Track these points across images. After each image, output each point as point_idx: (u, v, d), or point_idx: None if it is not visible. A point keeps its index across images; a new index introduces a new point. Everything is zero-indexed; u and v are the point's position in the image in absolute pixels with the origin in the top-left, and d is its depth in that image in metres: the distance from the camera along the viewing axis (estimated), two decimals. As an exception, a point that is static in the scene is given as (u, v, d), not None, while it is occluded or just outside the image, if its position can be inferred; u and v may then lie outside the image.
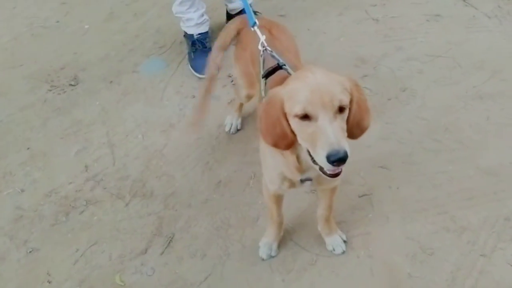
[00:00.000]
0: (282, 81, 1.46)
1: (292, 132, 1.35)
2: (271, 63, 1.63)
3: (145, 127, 2.54)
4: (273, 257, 1.95)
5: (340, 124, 1.29)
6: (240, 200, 2.15)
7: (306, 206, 2.07)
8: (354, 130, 1.39)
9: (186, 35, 2.85)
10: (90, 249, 2.07)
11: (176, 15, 2.80)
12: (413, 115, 2.36)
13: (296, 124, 1.32)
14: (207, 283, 1.91)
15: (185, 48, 2.92)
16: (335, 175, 1.35)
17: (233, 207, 2.13)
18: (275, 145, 1.40)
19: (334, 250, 1.92)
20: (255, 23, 1.78)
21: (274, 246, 1.95)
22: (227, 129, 2.45)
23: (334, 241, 1.93)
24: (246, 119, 2.48)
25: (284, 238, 1.98)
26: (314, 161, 1.34)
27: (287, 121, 1.34)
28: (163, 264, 1.99)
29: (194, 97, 2.65)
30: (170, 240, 2.06)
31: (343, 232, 1.95)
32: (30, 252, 2.09)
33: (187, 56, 2.87)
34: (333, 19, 3.04)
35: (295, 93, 1.30)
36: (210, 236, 2.05)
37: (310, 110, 1.27)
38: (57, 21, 3.53)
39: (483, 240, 1.86)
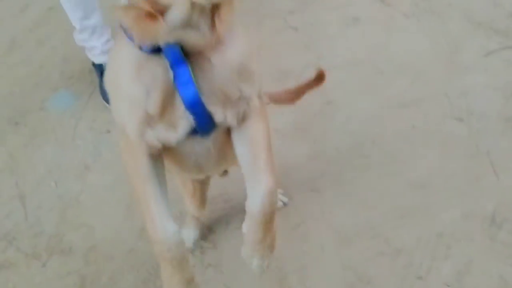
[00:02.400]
0: None
1: None
2: None
3: (58, 173, 2.31)
4: None
5: None
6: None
7: (238, 243, 1.96)
8: None
9: (94, 65, 2.62)
10: (6, 322, 1.87)
11: (79, 44, 2.56)
12: (339, 130, 2.28)
13: None
14: None
15: (95, 77, 2.69)
16: None
17: (161, 254, 1.98)
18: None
19: None
20: None
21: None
22: None
23: None
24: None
25: (216, 284, 1.85)
26: None
27: None
28: (89, 329, 1.83)
29: (109, 132, 2.45)
30: (95, 300, 1.89)
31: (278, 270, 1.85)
32: None
33: (98, 87, 2.65)
34: (251, 30, 2.91)
35: None
36: (137, 290, 1.89)
37: None
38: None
39: (418, 261, 1.81)
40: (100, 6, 2.50)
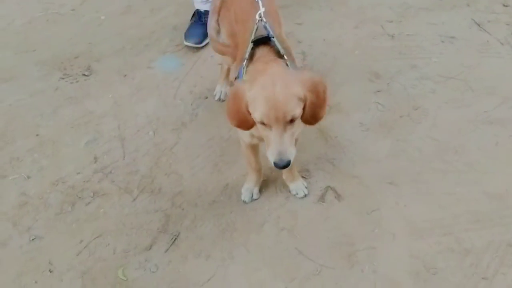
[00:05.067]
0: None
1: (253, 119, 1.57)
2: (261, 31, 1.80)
3: (157, 124, 2.54)
4: (255, 199, 2.17)
5: (289, 133, 1.54)
6: (246, 204, 2.16)
7: (313, 215, 2.09)
8: (310, 120, 1.63)
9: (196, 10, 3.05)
10: (94, 241, 2.08)
11: None
12: (423, 134, 2.38)
13: (257, 123, 1.58)
14: (209, 285, 1.92)
15: (201, 48, 2.94)
16: (283, 167, 1.57)
17: (240, 211, 2.14)
18: (239, 126, 1.66)
19: (297, 194, 2.17)
20: None
21: (256, 190, 2.17)
22: (216, 97, 2.64)
23: (297, 186, 2.17)
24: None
25: (288, 246, 2.00)
26: None
27: (249, 112, 1.56)
28: (167, 262, 2.00)
29: (206, 98, 2.66)
30: (176, 238, 2.07)
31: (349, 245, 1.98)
32: (33, 239, 2.10)
33: (188, 27, 3.05)
34: (349, 31, 3.06)
35: (257, 101, 1.52)
36: (215, 237, 2.06)
37: (266, 121, 1.52)
38: (73, 9, 3.52)
39: (485, 264, 1.88)
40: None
